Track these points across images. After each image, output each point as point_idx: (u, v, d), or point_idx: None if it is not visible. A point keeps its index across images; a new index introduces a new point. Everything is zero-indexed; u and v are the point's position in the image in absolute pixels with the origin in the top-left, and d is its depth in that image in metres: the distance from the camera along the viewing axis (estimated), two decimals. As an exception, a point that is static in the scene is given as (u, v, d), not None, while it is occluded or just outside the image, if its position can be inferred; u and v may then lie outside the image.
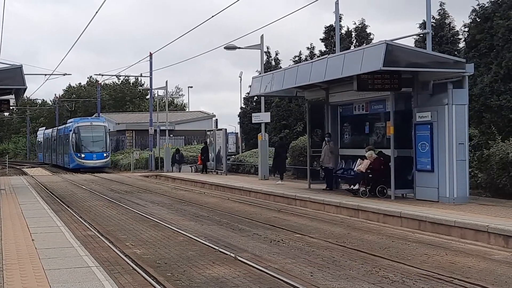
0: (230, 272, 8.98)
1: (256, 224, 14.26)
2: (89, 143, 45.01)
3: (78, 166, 44.64)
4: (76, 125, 46.07)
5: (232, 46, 28.71)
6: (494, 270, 9.18)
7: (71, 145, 45.45)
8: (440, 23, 27.04)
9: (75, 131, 45.52)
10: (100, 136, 45.67)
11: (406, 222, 13.57)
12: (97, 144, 45.29)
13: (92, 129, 45.71)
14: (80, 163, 44.54)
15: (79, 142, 45.06)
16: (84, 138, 45.26)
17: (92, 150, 44.77)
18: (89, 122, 46.81)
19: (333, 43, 29.15)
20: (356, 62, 15.61)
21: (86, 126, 45.96)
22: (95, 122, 47.19)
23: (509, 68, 21.13)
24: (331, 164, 19.73)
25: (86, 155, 44.54)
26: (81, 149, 44.86)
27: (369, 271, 9.05)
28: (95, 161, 44.47)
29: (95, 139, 45.36)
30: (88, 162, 44.26)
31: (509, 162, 16.67)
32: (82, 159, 44.45)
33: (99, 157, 44.79)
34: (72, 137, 45.55)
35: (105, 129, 46.38)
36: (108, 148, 46.38)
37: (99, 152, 44.93)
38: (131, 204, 19.30)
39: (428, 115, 15.74)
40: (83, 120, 48.78)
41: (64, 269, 8.25)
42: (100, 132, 45.92)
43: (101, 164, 44.77)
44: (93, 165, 43.95)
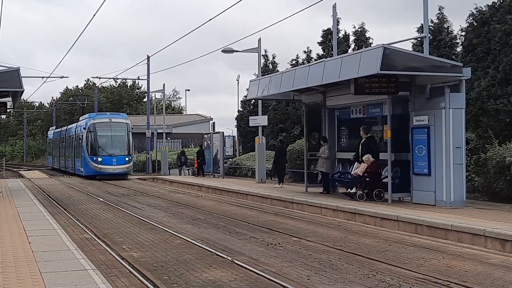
0: (227, 276, 8.97)
1: (253, 228, 14.25)
2: (107, 144, 36.51)
3: (94, 172, 35.93)
4: (91, 122, 37.08)
5: (230, 49, 28.74)
6: (490, 274, 9.18)
7: (85, 146, 36.72)
8: (439, 27, 27.13)
9: (90, 129, 36.73)
10: (121, 135, 37.06)
11: (403, 225, 13.57)
12: (118, 146, 36.64)
13: (111, 127, 37.00)
14: (97, 169, 35.77)
15: (95, 143, 36.53)
16: (102, 138, 36.74)
17: (112, 153, 36.01)
18: (108, 119, 37.66)
19: (331, 47, 29.21)
20: (354, 66, 15.63)
21: (104, 123, 37.10)
22: (115, 119, 38.15)
23: (506, 72, 21.18)
24: (324, 168, 19.73)
25: (104, 159, 35.82)
26: (98, 152, 36.11)
27: (366, 274, 9.05)
28: (115, 167, 35.76)
29: (115, 140, 36.88)
30: (107, 168, 35.61)
31: (506, 166, 16.68)
32: (99, 164, 35.71)
33: (120, 161, 36.01)
34: (86, 137, 36.88)
35: (127, 127, 37.48)
36: (131, 151, 37.55)
37: (120, 155, 36.12)
38: (128, 207, 19.28)
39: (425, 118, 15.76)
40: (100, 116, 39.27)
41: (61, 272, 8.23)
42: (121, 130, 37.19)
43: (122, 171, 36.13)
44: (112, 172, 35.49)
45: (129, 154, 36.73)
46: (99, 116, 39.04)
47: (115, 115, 39.77)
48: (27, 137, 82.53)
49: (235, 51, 28.65)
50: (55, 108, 75.26)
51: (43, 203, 19.42)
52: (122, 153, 36.40)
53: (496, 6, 22.64)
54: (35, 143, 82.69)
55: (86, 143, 36.65)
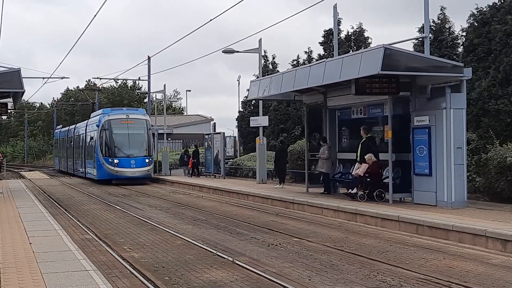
0: (228, 276, 8.97)
1: (254, 228, 14.25)
2: (125, 144, 32.16)
3: (109, 176, 31.73)
4: (106, 119, 32.63)
5: (230, 50, 28.73)
6: (492, 274, 9.17)
7: (99, 147, 32.38)
8: (440, 27, 27.12)
9: (104, 126, 32.31)
10: (140, 134, 32.75)
11: (404, 226, 13.56)
12: (136, 145, 32.42)
13: (129, 124, 32.65)
14: (112, 172, 31.50)
15: (110, 143, 32.17)
16: (118, 137, 32.23)
17: (130, 154, 31.71)
18: (125, 115, 33.16)
19: (332, 47, 29.19)
20: (354, 66, 15.63)
21: (120, 119, 32.63)
22: (133, 114, 33.57)
23: (506, 73, 21.17)
24: (324, 168, 19.73)
25: (121, 161, 31.45)
26: (114, 153, 31.78)
27: (367, 275, 9.04)
28: (134, 170, 31.50)
29: (133, 138, 32.43)
30: (124, 171, 31.41)
31: (507, 166, 16.67)
32: (115, 167, 31.41)
33: (140, 163, 31.71)
34: (100, 136, 32.47)
35: (147, 123, 33.19)
36: (152, 151, 33.43)
37: (139, 156, 31.88)
38: (128, 207, 19.28)
39: (426, 119, 15.75)
40: (116, 111, 34.37)
41: (62, 272, 8.23)
42: (140, 128, 32.85)
43: (141, 174, 31.83)
44: (130, 175, 31.40)
45: (149, 155, 32.50)
46: (114, 111, 34.13)
47: (133, 111, 35.09)
48: (28, 138, 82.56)
49: (235, 51, 28.64)
50: (55, 108, 75.29)
51: (44, 203, 19.44)
52: (142, 154, 32.22)
53: (496, 7, 22.65)
54: (36, 144, 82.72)
55: (100, 142, 32.25)
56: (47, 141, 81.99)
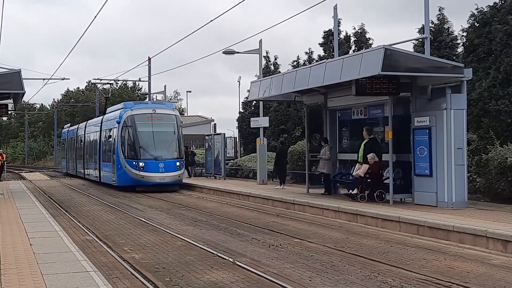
0: (229, 277, 8.97)
1: (255, 229, 14.25)
2: (151, 144, 27.17)
3: (133, 182, 26.75)
4: (129, 114, 27.50)
5: (231, 51, 28.74)
6: (492, 275, 9.17)
7: (120, 147, 27.37)
8: (439, 28, 27.14)
9: (127, 123, 27.31)
10: (169, 132, 27.87)
11: (405, 226, 13.56)
12: (165, 146, 27.54)
13: (156, 121, 27.61)
14: (137, 177, 26.51)
15: (134, 142, 27.12)
16: (144, 136, 27.20)
17: (158, 155, 26.75)
18: (151, 109, 27.94)
19: (332, 48, 29.21)
20: (355, 67, 15.63)
21: (146, 115, 27.54)
22: (161, 109, 28.46)
23: (507, 73, 21.18)
24: (325, 169, 19.74)
25: (148, 164, 26.50)
26: (139, 154, 26.80)
27: (367, 276, 9.04)
28: (163, 175, 26.56)
29: (162, 137, 27.61)
30: (151, 176, 26.47)
31: (508, 167, 16.68)
32: (140, 171, 26.42)
33: (169, 167, 26.79)
34: (121, 134, 27.46)
35: (177, 120, 28.36)
36: (182, 153, 28.35)
37: (168, 158, 26.95)
38: (129, 208, 19.28)
39: (426, 119, 15.75)
40: (140, 105, 29.05)
41: (62, 274, 8.22)
42: (169, 125, 27.96)
43: (172, 180, 26.88)
44: (159, 181, 26.50)
45: (180, 157, 27.64)
46: (138, 105, 28.93)
47: (160, 105, 30.05)
48: (28, 139, 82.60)
49: (236, 52, 28.64)
50: (56, 110, 75.31)
51: (45, 205, 19.43)
52: (171, 155, 27.26)
53: (497, 7, 22.66)
54: (37, 145, 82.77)
55: (122, 142, 27.31)
56: (48, 142, 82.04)
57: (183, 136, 29.32)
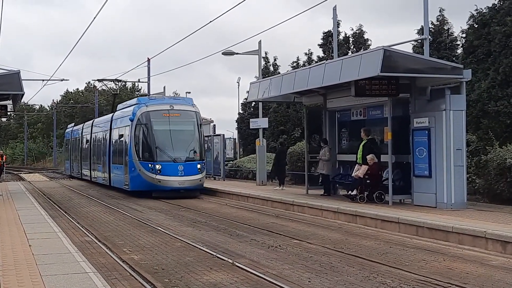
0: (228, 278, 8.96)
1: (254, 230, 14.24)
2: (169, 144, 24.30)
3: (148, 187, 23.96)
4: (144, 111, 24.67)
5: (230, 51, 28.73)
6: (491, 276, 9.17)
7: (133, 147, 24.58)
8: (439, 29, 27.17)
9: (141, 120, 24.50)
10: (189, 130, 25.06)
11: (404, 228, 13.56)
12: (185, 146, 24.65)
13: (174, 118, 24.81)
14: (153, 181, 23.66)
15: (150, 142, 24.31)
16: (161, 135, 24.40)
17: (176, 157, 23.94)
18: (168, 105, 25.17)
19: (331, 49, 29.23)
20: (354, 68, 15.64)
21: (162, 111, 24.76)
22: (179, 105, 25.53)
23: (506, 74, 21.20)
24: (324, 170, 19.75)
25: (165, 167, 23.67)
26: (155, 155, 23.92)
27: (366, 277, 9.04)
28: (182, 179, 23.67)
29: (180, 137, 24.80)
30: (169, 180, 23.57)
31: (507, 168, 16.69)
32: (157, 174, 23.58)
33: (190, 170, 23.91)
34: (135, 133, 24.65)
35: (197, 117, 25.27)
36: (203, 154, 25.76)
37: (188, 160, 24.13)
38: (128, 209, 19.27)
39: (425, 120, 15.76)
40: (155, 101, 26.04)
41: (61, 275, 8.22)
42: (188, 123, 25.14)
43: (192, 185, 23.98)
44: (178, 186, 23.69)
45: (201, 159, 24.75)
46: (153, 101, 25.87)
47: (178, 100, 27.22)
48: (27, 140, 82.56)
49: (235, 53, 28.63)
50: (55, 111, 75.29)
51: (44, 206, 19.42)
52: (192, 157, 24.41)
53: (496, 8, 22.69)
54: (36, 146, 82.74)
55: (135, 142, 24.56)
56: (47, 143, 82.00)
57: (204, 134, 26.57)
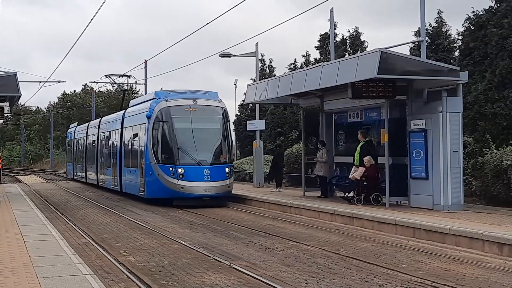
0: (225, 280, 8.96)
1: (251, 232, 14.24)
2: (193, 145, 21.02)
3: (169, 194, 20.78)
4: (164, 106, 21.43)
5: (227, 53, 28.71)
6: (488, 277, 9.18)
7: (151, 148, 21.44)
8: (437, 31, 27.19)
9: (160, 117, 21.34)
10: (215, 129, 21.83)
11: (401, 229, 13.57)
12: (210, 147, 21.46)
13: (197, 114, 21.51)
14: (175, 188, 20.51)
15: (171, 142, 21.06)
16: (183, 133, 21.16)
17: (201, 159, 20.70)
18: (191, 100, 21.73)
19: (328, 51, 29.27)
20: (351, 70, 15.65)
21: (184, 107, 21.50)
22: (203, 99, 22.09)
23: (503, 76, 21.24)
24: (322, 172, 19.76)
25: (188, 171, 20.51)
26: (177, 158, 20.69)
27: (363, 278, 9.04)
28: (208, 185, 20.48)
29: (205, 136, 21.61)
30: (193, 187, 20.41)
31: (503, 170, 16.71)
32: (179, 180, 20.44)
33: (216, 174, 20.73)
34: (153, 132, 21.49)
35: (224, 114, 22.24)
36: (231, 156, 23.03)
37: (215, 163, 20.91)
38: (125, 211, 19.25)
39: (422, 122, 15.78)
40: (176, 95, 22.31)
41: (58, 277, 8.21)
42: (214, 120, 21.92)
43: (219, 191, 20.76)
44: (204, 193, 20.55)
45: (229, 162, 21.76)
46: (174, 95, 22.27)
47: (201, 94, 22.78)
48: (24, 142, 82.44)
49: (232, 55, 28.61)
50: (52, 112, 75.21)
51: (41, 208, 19.38)
52: (218, 160, 21.22)
53: (492, 10, 22.74)
54: (33, 148, 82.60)
55: (153, 142, 21.41)
56: (44, 145, 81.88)
57: (231, 134, 23.69)
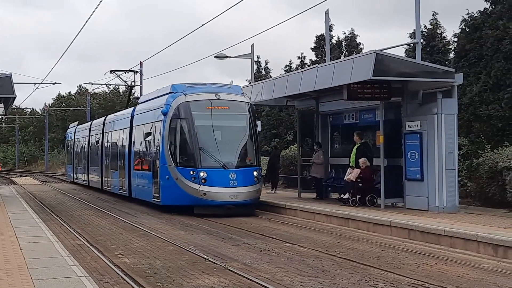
0: (220, 282, 8.95)
1: (246, 234, 14.23)
2: (215, 145, 18.60)
3: (189, 200, 18.30)
4: (182, 101, 18.84)
5: (223, 55, 28.72)
6: (483, 279, 9.19)
7: (167, 148, 18.85)
8: (432, 33, 27.22)
9: (179, 113, 18.74)
10: (241, 127, 19.19)
11: (396, 231, 13.58)
12: (236, 148, 18.87)
13: (222, 111, 19.01)
14: (196, 194, 18.00)
15: (192, 142, 18.48)
16: (205, 132, 18.68)
17: (226, 162, 18.19)
18: (213, 94, 19.07)
19: (324, 53, 29.27)
20: (346, 72, 15.68)
21: (206, 103, 18.89)
22: (226, 93, 19.44)
23: (497, 78, 21.29)
24: (318, 173, 19.76)
25: (211, 175, 18.03)
26: (198, 160, 18.16)
27: (359, 280, 9.05)
28: (235, 190, 17.97)
29: (231, 135, 19.18)
30: (217, 193, 17.94)
31: (498, 171, 16.74)
32: (201, 185, 17.94)
33: (244, 179, 18.20)
34: (170, 130, 18.88)
35: (250, 110, 19.33)
36: (259, 158, 19.78)
37: (242, 166, 18.44)
38: (120, 213, 19.21)
39: (417, 124, 15.80)
40: (195, 89, 19.66)
41: (53, 279, 8.18)
42: (240, 117, 19.27)
43: (248, 198, 18.21)
44: (230, 201, 18.04)
45: (257, 165, 18.99)
46: (193, 89, 19.60)
47: (224, 88, 20.18)
48: (19, 144, 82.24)
49: (228, 57, 28.62)
50: (47, 114, 75.06)
51: (35, 209, 19.31)
52: (245, 162, 18.72)
53: (488, 12, 22.79)
54: (27, 149, 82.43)
55: (170, 142, 18.81)
56: (39, 146, 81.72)
57: (259, 133, 21.22)
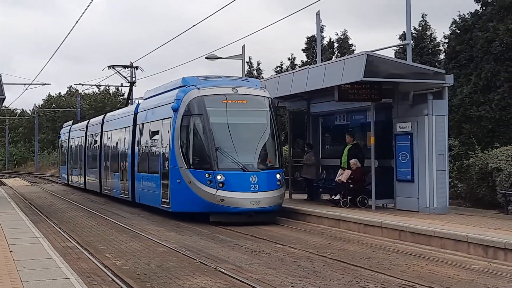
0: (211, 283, 8.92)
1: (237, 235, 14.21)
2: (232, 145, 16.49)
3: (204, 207, 16.24)
4: (195, 96, 16.76)
5: (214, 56, 28.61)
6: (473, 280, 9.22)
7: (179, 149, 16.83)
8: (421, 35, 27.35)
9: (191, 109, 16.74)
10: (261, 124, 17.21)
11: (387, 232, 13.60)
12: (255, 148, 16.88)
13: (239, 107, 17.03)
14: (212, 199, 15.94)
15: (207, 141, 16.41)
16: (222, 130, 16.66)
17: (246, 163, 16.20)
18: (230, 88, 17.01)
19: (315, 54, 29.31)
20: (337, 73, 15.69)
21: (223, 97, 16.89)
22: (245, 88, 17.35)
23: (488, 79, 21.37)
24: (309, 175, 19.77)
25: (229, 178, 16.01)
26: (215, 161, 16.12)
27: (349, 281, 9.05)
28: (257, 195, 15.98)
29: (250, 134, 17.13)
30: (237, 198, 15.88)
31: (489, 173, 16.81)
32: (218, 189, 15.89)
33: (266, 183, 16.25)
34: (181, 128, 16.87)
35: (271, 106, 17.34)
36: (282, 159, 17.39)
37: (263, 169, 16.47)
38: (111, 214, 19.14)
39: (408, 125, 15.84)
40: (210, 82, 17.43)
41: (42, 280, 8.14)
42: (260, 114, 17.34)
43: (270, 204, 16.25)
44: (251, 207, 15.91)
45: (280, 167, 16.99)
46: (207, 82, 17.48)
47: (241, 81, 18.36)
48: (9, 145, 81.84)
49: (219, 58, 28.51)
50: (37, 115, 74.72)
51: (25, 211, 19.21)
52: (266, 163, 16.85)
53: (478, 14, 22.89)
54: (17, 150, 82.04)
55: (182, 141, 16.85)
56: (29, 147, 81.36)
57: (280, 131, 19.10)
